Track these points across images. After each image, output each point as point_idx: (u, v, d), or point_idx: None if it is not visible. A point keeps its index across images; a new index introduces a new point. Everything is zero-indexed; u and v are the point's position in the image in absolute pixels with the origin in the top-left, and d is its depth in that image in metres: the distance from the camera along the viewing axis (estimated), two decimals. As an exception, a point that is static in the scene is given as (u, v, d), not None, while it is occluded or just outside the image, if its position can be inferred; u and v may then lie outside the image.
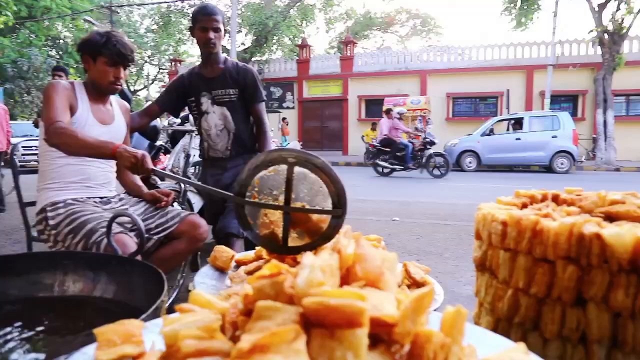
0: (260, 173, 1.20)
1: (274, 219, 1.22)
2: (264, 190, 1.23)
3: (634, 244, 0.93)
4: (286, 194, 1.18)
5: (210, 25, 2.43)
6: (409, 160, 12.21)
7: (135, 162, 1.66)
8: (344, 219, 1.17)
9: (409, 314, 0.59)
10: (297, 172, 1.18)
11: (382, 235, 4.95)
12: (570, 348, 1.03)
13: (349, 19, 35.31)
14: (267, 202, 1.23)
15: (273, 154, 1.20)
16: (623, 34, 15.70)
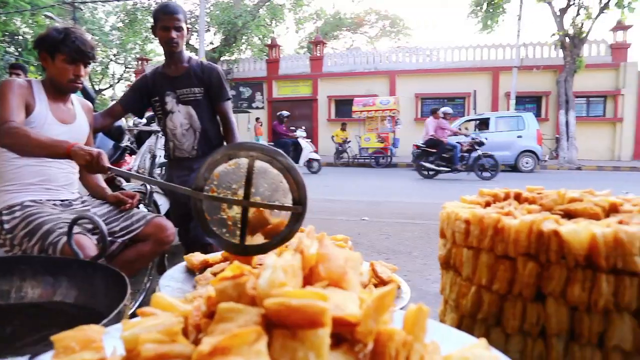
0: (220, 166, 1.19)
1: (232, 214, 1.21)
2: (223, 184, 1.21)
3: (589, 240, 0.96)
4: (246, 188, 1.17)
5: (172, 24, 2.39)
6: (457, 162, 11.53)
7: (90, 160, 1.61)
8: (304, 216, 1.16)
9: (370, 313, 0.60)
10: (258, 167, 1.16)
11: (352, 234, 4.98)
12: (531, 342, 1.06)
13: (319, 20, 35.38)
14: (226, 196, 1.21)
15: (235, 147, 1.19)
16: (583, 37, 16.30)
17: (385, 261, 2.69)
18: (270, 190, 1.18)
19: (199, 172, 1.20)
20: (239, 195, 1.19)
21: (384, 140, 15.99)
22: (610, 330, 1.02)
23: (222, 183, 1.20)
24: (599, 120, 19.26)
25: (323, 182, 10.79)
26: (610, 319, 1.02)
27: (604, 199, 1.41)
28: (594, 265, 0.97)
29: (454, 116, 18.93)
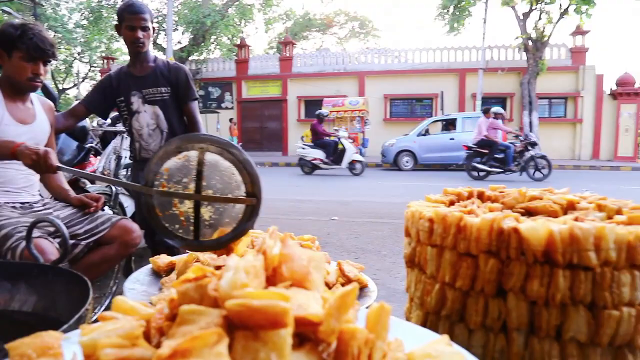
0: (170, 160, 1.17)
1: (184, 209, 1.19)
2: (174, 178, 1.19)
3: (547, 236, 0.99)
4: (197, 182, 1.15)
5: (138, 24, 2.35)
6: (510, 163, 11.33)
7: (37, 159, 1.56)
8: (259, 209, 1.15)
9: (333, 312, 0.60)
10: (209, 160, 1.15)
11: (321, 234, 4.99)
12: (493, 337, 1.09)
13: (288, 20, 35.33)
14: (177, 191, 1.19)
15: (184, 139, 1.17)
16: (544, 41, 16.87)
17: (354, 260, 2.72)
18: (222, 184, 1.16)
19: (148, 166, 1.17)
20: (190, 189, 1.17)
21: (353, 140, 16.08)
22: (567, 323, 1.06)
23: (172, 177, 1.18)
24: (561, 121, 19.88)
25: (294, 183, 10.79)
26: (567, 312, 1.05)
27: (562, 197, 1.46)
28: (551, 261, 1.00)
29: (421, 116, 19.29)
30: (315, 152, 12.44)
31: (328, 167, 12.44)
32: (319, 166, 12.49)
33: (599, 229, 1.00)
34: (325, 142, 12.55)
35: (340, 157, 12.41)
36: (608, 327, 1.08)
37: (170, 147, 1.15)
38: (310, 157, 12.51)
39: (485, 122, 11.75)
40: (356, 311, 0.73)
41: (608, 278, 1.04)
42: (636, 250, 1.07)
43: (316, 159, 12.42)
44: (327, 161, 12.38)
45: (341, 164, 12.33)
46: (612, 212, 1.38)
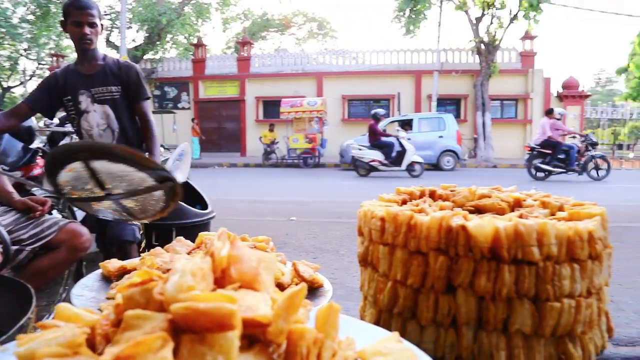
0: (61, 175, 1.14)
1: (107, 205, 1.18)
2: (78, 187, 1.17)
3: (493, 233, 1.03)
4: (98, 184, 1.13)
5: (85, 19, 2.26)
6: (573, 163, 11.27)
7: None
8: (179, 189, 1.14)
9: (281, 313, 0.60)
10: (99, 167, 1.13)
11: (279, 235, 4.96)
12: (444, 332, 1.12)
13: (246, 20, 34.99)
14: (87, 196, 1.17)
15: (60, 154, 1.14)
16: (496, 45, 17.50)
17: (312, 260, 2.71)
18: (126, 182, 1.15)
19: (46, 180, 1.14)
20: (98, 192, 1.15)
21: (311, 140, 16.12)
22: (513, 316, 1.11)
23: (76, 186, 1.16)
24: (512, 122, 20.61)
25: (252, 183, 10.71)
26: (513, 305, 1.10)
27: (509, 195, 1.52)
28: (497, 257, 1.04)
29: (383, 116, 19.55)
30: (373, 154, 11.95)
31: (387, 168, 11.94)
32: (378, 168, 11.95)
33: (541, 226, 1.05)
34: (384, 143, 12.02)
35: (399, 158, 11.89)
36: (550, 318, 1.13)
37: (51, 163, 1.11)
38: (368, 158, 11.97)
39: (549, 122, 11.81)
40: (308, 311, 0.74)
41: (550, 272, 1.09)
42: (575, 244, 1.12)
43: (374, 160, 11.90)
44: (387, 162, 11.88)
45: (401, 166, 11.85)
46: (555, 208, 1.44)
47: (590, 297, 1.24)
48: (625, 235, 4.98)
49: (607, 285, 1.39)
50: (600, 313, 1.34)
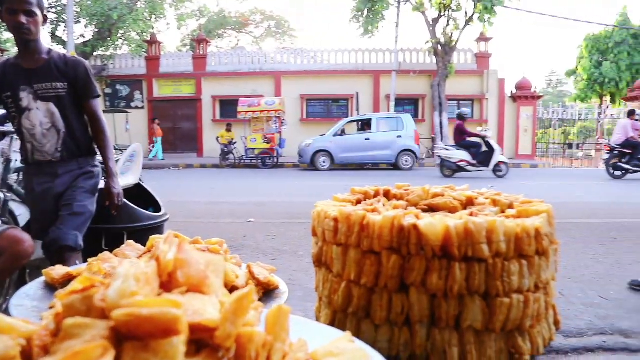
0: None
1: None
2: None
3: (444, 232, 1.04)
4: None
5: (20, 7, 2.12)
6: None
7: None
8: None
9: (229, 316, 0.59)
10: None
11: (237, 237, 4.90)
12: (397, 331, 1.13)
13: (202, 17, 34.39)
14: None
15: None
16: (452, 46, 17.98)
17: (270, 262, 2.69)
18: None
19: None
20: None
21: (270, 141, 16.02)
22: (465, 313, 1.13)
23: None
24: (469, 121, 21.13)
25: (209, 184, 10.54)
26: (464, 302, 1.12)
27: (462, 194, 1.55)
28: (448, 255, 1.06)
29: (338, 117, 19.66)
30: (461, 154, 11.83)
31: (475, 169, 11.84)
32: (465, 168, 11.85)
33: (490, 223, 1.08)
34: (471, 143, 11.95)
35: (486, 158, 11.81)
36: (501, 313, 1.16)
37: None
38: (457, 159, 11.83)
39: (630, 123, 11.97)
40: (259, 314, 0.72)
41: (499, 268, 1.12)
42: (523, 241, 1.16)
43: (463, 160, 11.79)
44: (474, 163, 11.80)
45: (489, 166, 11.75)
46: (505, 206, 1.48)
47: (538, 292, 1.28)
48: (573, 230, 5.22)
49: (554, 279, 1.44)
50: (548, 307, 1.38)
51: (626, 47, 21.65)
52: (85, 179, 2.35)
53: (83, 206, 2.25)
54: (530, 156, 20.74)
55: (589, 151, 24.76)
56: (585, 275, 3.61)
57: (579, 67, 23.52)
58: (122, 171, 2.70)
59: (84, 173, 2.36)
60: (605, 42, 22.08)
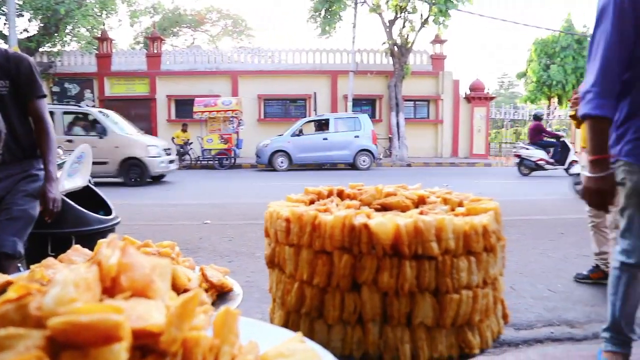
0: None
1: None
2: None
3: (394, 231, 1.06)
4: None
5: None
6: None
7: None
8: None
9: (174, 320, 0.58)
10: None
11: (193, 239, 4.82)
12: (350, 330, 1.14)
13: (156, 14, 33.60)
14: None
15: None
16: (408, 47, 18.32)
17: (227, 264, 2.64)
18: None
19: None
20: None
21: (227, 141, 15.82)
22: (416, 310, 1.15)
23: None
24: (424, 122, 21.64)
25: (163, 187, 10.30)
26: (415, 299, 1.14)
27: (414, 193, 1.58)
28: (399, 253, 1.08)
29: (295, 117, 19.65)
30: (540, 153, 12.45)
31: (552, 167, 12.39)
32: (544, 167, 12.46)
33: (439, 221, 1.10)
34: (549, 143, 12.45)
35: (563, 157, 12.14)
36: (450, 309, 1.19)
37: None
38: (536, 157, 12.44)
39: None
40: (209, 317, 0.71)
41: (448, 265, 1.15)
42: (471, 238, 1.19)
43: (541, 159, 12.38)
44: (552, 161, 12.34)
45: (564, 164, 12.08)
46: (455, 204, 1.52)
47: (486, 287, 1.32)
48: (523, 226, 5.43)
49: (502, 275, 1.49)
50: (496, 301, 1.43)
51: (571, 52, 22.69)
52: (28, 182, 2.23)
53: (23, 210, 2.13)
54: (484, 155, 21.41)
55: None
56: (535, 269, 3.77)
57: (528, 69, 24.47)
58: (70, 173, 2.59)
59: (27, 176, 2.25)
60: (553, 47, 23.07)
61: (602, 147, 1.67)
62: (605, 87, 1.64)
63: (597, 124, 1.67)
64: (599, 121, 1.66)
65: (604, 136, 1.67)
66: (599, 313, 2.84)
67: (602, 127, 1.67)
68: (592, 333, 2.58)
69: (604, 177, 1.67)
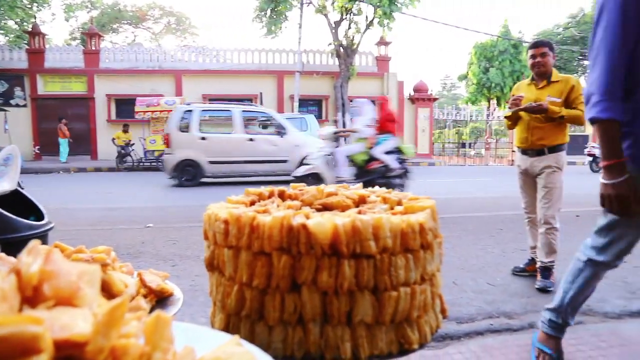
0: None
1: None
2: None
3: (332, 230, 1.07)
4: None
5: None
6: None
7: None
8: None
9: (100, 329, 0.56)
10: None
11: (134, 244, 4.67)
12: (291, 331, 1.14)
13: (94, 9, 32.23)
14: None
15: None
16: (354, 49, 18.58)
17: (171, 268, 2.57)
18: None
19: None
20: None
21: (167, 142, 15.42)
22: (356, 308, 1.17)
23: None
24: (370, 122, 22.00)
25: (104, 189, 9.90)
26: (355, 298, 1.16)
27: (355, 192, 1.61)
28: (338, 253, 1.09)
29: (242, 117, 19.39)
30: None
31: None
32: None
33: (376, 220, 1.13)
34: None
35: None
36: (389, 306, 1.21)
37: None
38: None
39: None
40: (142, 323, 0.69)
41: (386, 263, 1.18)
42: (408, 236, 1.23)
43: None
44: None
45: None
46: (394, 203, 1.56)
47: (424, 284, 1.36)
48: (465, 223, 5.63)
49: (439, 271, 1.54)
50: (434, 297, 1.47)
51: (508, 56, 23.80)
52: None
53: None
54: (428, 155, 22.07)
55: (479, 150, 26.92)
56: (476, 264, 3.93)
57: (469, 72, 25.44)
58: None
59: None
60: (491, 50, 24.10)
61: (615, 151, 1.56)
62: (612, 88, 1.54)
63: (607, 127, 1.56)
64: (609, 125, 1.55)
65: (616, 139, 1.56)
66: (535, 304, 3.00)
67: (613, 130, 1.55)
68: (529, 323, 2.72)
69: (622, 181, 1.56)
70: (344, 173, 7.04)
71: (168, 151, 10.60)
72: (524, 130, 3.41)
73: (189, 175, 10.41)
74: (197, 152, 10.42)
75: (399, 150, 7.28)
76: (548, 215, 3.29)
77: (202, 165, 10.45)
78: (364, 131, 7.20)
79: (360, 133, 7.23)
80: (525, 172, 3.48)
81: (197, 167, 10.44)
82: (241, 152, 10.56)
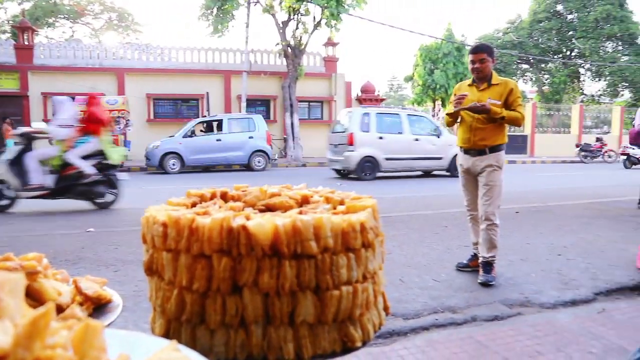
0: None
1: None
2: None
3: (273, 231, 1.07)
4: None
5: None
6: None
7: None
8: None
9: (21, 341, 0.53)
10: None
11: (74, 249, 4.48)
12: (233, 333, 1.13)
13: (26, 1, 30.52)
14: None
15: None
16: (302, 49, 18.60)
17: (113, 274, 2.49)
18: None
19: None
20: None
21: (113, 142, 14.87)
22: (298, 309, 1.17)
23: None
24: (318, 122, 22.09)
25: (40, 191, 9.39)
26: (297, 298, 1.17)
27: (298, 193, 1.61)
28: (278, 254, 1.10)
29: (188, 117, 19.01)
30: None
31: None
32: None
33: (317, 220, 1.14)
34: None
35: None
36: (332, 306, 1.23)
37: None
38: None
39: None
40: (71, 333, 0.67)
41: (328, 263, 1.19)
42: (349, 235, 1.25)
43: None
44: None
45: None
46: (337, 203, 1.58)
47: (365, 282, 1.38)
48: (411, 222, 5.77)
49: (381, 269, 1.58)
50: (377, 295, 1.50)
51: (452, 58, 24.60)
52: None
53: None
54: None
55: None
56: (421, 261, 4.03)
57: (415, 73, 26.09)
58: None
59: None
60: (436, 53, 24.83)
61: None
62: None
63: None
64: None
65: None
66: (477, 298, 3.12)
67: None
68: (471, 316, 2.82)
69: None
70: (37, 180, 6.58)
71: (351, 149, 11.90)
72: (466, 131, 3.54)
73: (369, 171, 11.95)
74: (376, 149, 11.95)
75: (102, 155, 6.75)
76: (489, 212, 3.43)
77: (379, 162, 11.98)
78: (57, 132, 6.63)
79: (52, 134, 6.65)
80: (467, 171, 3.61)
81: (375, 163, 11.97)
82: (409, 150, 12.23)
